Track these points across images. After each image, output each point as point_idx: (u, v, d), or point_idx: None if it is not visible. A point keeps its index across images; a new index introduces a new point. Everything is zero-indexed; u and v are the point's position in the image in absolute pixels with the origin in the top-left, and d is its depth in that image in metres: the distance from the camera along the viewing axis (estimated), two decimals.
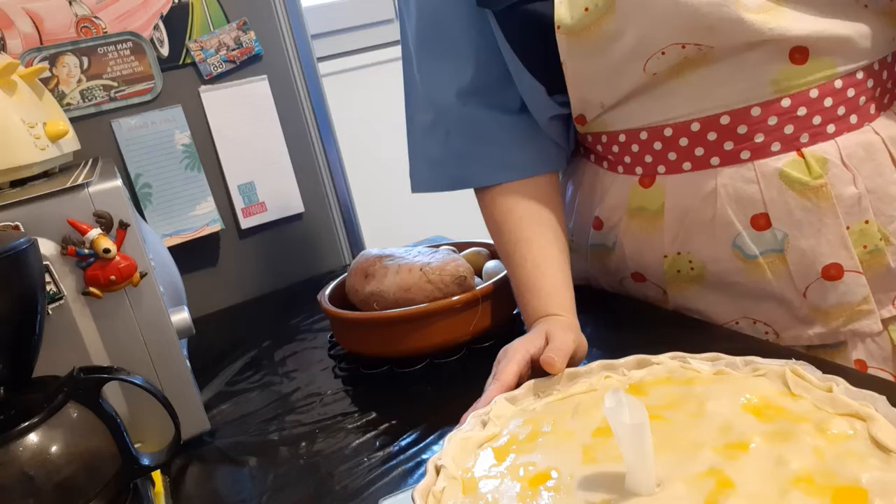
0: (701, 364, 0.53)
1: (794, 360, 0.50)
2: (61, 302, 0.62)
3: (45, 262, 0.61)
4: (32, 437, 0.51)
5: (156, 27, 1.05)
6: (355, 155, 1.34)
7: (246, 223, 1.16)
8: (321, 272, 1.22)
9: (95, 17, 1.01)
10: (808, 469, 0.40)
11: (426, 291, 0.77)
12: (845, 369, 0.62)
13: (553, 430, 0.49)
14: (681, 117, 0.67)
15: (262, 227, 1.18)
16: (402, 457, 0.63)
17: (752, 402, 0.47)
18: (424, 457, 0.63)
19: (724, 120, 0.66)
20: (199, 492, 0.66)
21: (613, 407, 0.40)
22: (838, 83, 0.64)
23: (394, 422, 0.70)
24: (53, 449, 0.52)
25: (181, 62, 1.08)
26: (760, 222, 0.68)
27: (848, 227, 0.66)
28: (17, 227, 0.60)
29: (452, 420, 0.54)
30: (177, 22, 1.06)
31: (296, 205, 1.20)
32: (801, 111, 0.64)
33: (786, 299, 0.70)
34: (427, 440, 0.65)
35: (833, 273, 0.67)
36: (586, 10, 0.63)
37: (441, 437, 0.65)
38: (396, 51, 1.85)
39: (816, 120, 0.64)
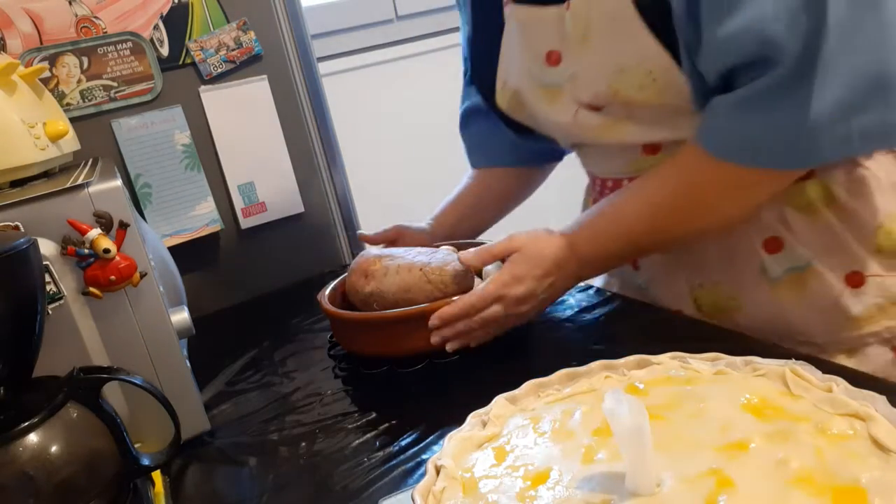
0: (701, 364, 0.53)
1: (793, 360, 0.50)
2: (61, 302, 0.62)
3: (45, 262, 0.60)
4: (32, 437, 0.51)
5: (156, 27, 1.05)
6: (355, 155, 1.34)
7: (246, 223, 1.16)
8: (321, 272, 1.22)
9: (95, 17, 1.01)
10: (808, 469, 0.40)
11: (426, 292, 0.77)
12: (845, 369, 0.62)
13: (553, 430, 0.49)
14: (594, 174, 0.88)
15: (262, 227, 1.18)
16: (402, 457, 0.63)
17: (751, 402, 0.47)
18: (424, 457, 0.63)
19: (609, 184, 0.84)
20: (199, 492, 0.66)
21: (613, 407, 0.40)
22: None
23: (394, 422, 0.70)
24: (53, 449, 0.52)
25: (181, 62, 1.08)
26: (634, 260, 0.88)
27: (701, 285, 0.80)
28: (17, 227, 0.60)
29: (452, 420, 0.54)
30: (177, 22, 1.06)
31: (296, 205, 1.20)
32: None
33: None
34: (427, 440, 0.65)
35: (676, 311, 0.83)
36: (508, 102, 0.87)
37: (441, 437, 0.65)
38: (396, 51, 1.85)
39: None
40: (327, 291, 0.87)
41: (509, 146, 0.98)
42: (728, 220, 0.74)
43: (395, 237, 0.96)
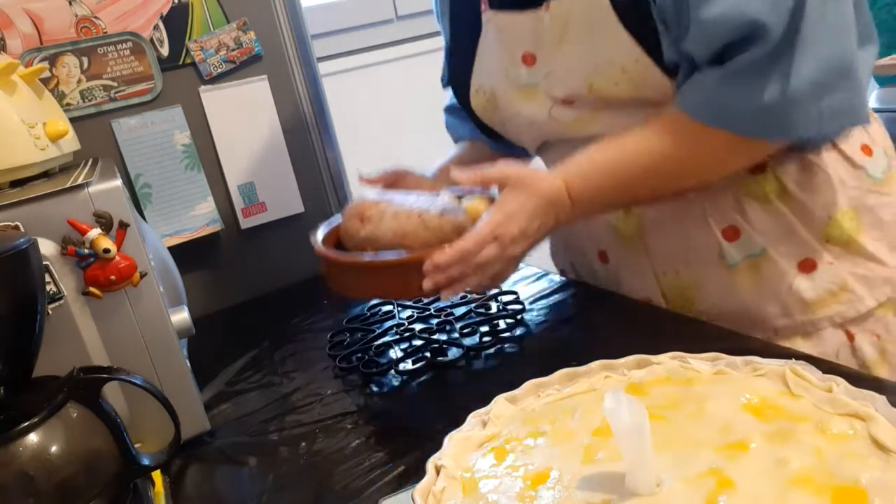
0: (701, 364, 0.53)
1: (794, 360, 0.50)
2: (61, 302, 0.62)
3: (45, 262, 0.60)
4: (32, 437, 0.51)
5: (156, 27, 1.05)
6: (355, 155, 1.34)
7: (246, 223, 1.16)
8: (321, 272, 1.21)
9: (95, 18, 1.01)
10: (808, 469, 0.40)
11: (422, 239, 0.73)
12: (845, 369, 0.62)
13: (553, 430, 0.49)
14: None
15: (262, 227, 1.18)
16: (402, 457, 0.63)
17: (752, 402, 0.47)
18: (424, 457, 0.63)
19: None
20: (199, 492, 0.66)
21: (613, 407, 0.40)
22: None
23: (394, 422, 0.70)
24: (53, 449, 0.52)
25: (181, 62, 1.08)
26: (603, 255, 0.91)
27: (664, 273, 0.84)
28: (17, 227, 0.60)
29: (452, 420, 0.54)
30: (177, 22, 1.06)
31: (296, 205, 1.20)
32: None
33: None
34: (427, 440, 0.65)
35: (645, 300, 0.87)
36: (483, 106, 0.91)
37: (441, 437, 0.65)
38: (396, 51, 1.85)
39: None
40: (320, 234, 0.83)
41: None
42: (716, 179, 0.77)
43: (395, 179, 0.92)
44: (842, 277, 0.77)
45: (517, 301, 0.92)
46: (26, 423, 0.51)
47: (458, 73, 0.95)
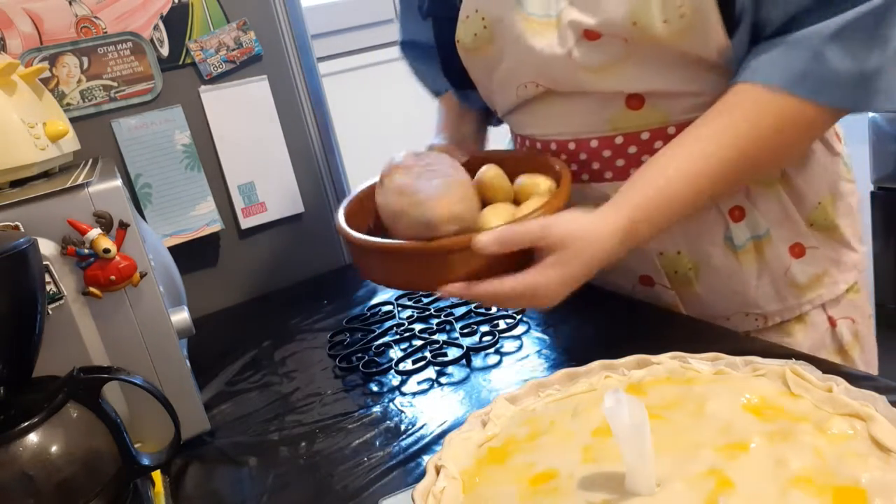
0: (701, 364, 0.53)
1: (794, 360, 0.50)
2: (61, 302, 0.62)
3: (45, 262, 0.60)
4: (32, 437, 0.51)
5: (156, 27, 1.05)
6: (355, 155, 1.34)
7: (246, 223, 1.16)
8: (321, 272, 1.22)
9: (95, 18, 1.01)
10: (808, 469, 0.40)
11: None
12: (845, 369, 0.62)
13: (553, 430, 0.49)
14: (546, 136, 0.80)
15: (262, 227, 1.18)
16: (402, 457, 0.63)
17: (752, 402, 0.47)
18: (424, 457, 0.63)
19: (571, 146, 0.78)
20: (199, 492, 0.66)
21: (613, 407, 0.40)
22: (671, 129, 0.72)
23: (394, 422, 0.70)
24: (53, 449, 0.52)
25: (181, 62, 1.08)
26: None
27: (662, 253, 0.79)
28: (17, 227, 0.60)
29: (452, 420, 0.54)
30: (177, 22, 1.06)
31: (296, 205, 1.20)
32: (632, 149, 0.74)
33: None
34: (427, 440, 0.65)
35: (646, 281, 0.83)
36: (476, 34, 0.78)
37: (441, 437, 0.65)
38: (396, 51, 1.85)
39: (645, 158, 0.71)
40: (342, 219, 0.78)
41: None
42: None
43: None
44: (824, 262, 0.79)
45: None
46: (26, 423, 0.51)
47: None
